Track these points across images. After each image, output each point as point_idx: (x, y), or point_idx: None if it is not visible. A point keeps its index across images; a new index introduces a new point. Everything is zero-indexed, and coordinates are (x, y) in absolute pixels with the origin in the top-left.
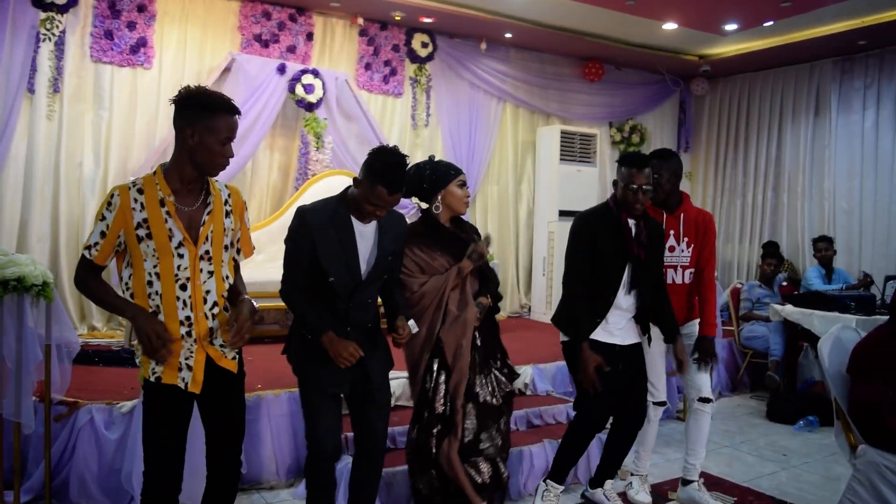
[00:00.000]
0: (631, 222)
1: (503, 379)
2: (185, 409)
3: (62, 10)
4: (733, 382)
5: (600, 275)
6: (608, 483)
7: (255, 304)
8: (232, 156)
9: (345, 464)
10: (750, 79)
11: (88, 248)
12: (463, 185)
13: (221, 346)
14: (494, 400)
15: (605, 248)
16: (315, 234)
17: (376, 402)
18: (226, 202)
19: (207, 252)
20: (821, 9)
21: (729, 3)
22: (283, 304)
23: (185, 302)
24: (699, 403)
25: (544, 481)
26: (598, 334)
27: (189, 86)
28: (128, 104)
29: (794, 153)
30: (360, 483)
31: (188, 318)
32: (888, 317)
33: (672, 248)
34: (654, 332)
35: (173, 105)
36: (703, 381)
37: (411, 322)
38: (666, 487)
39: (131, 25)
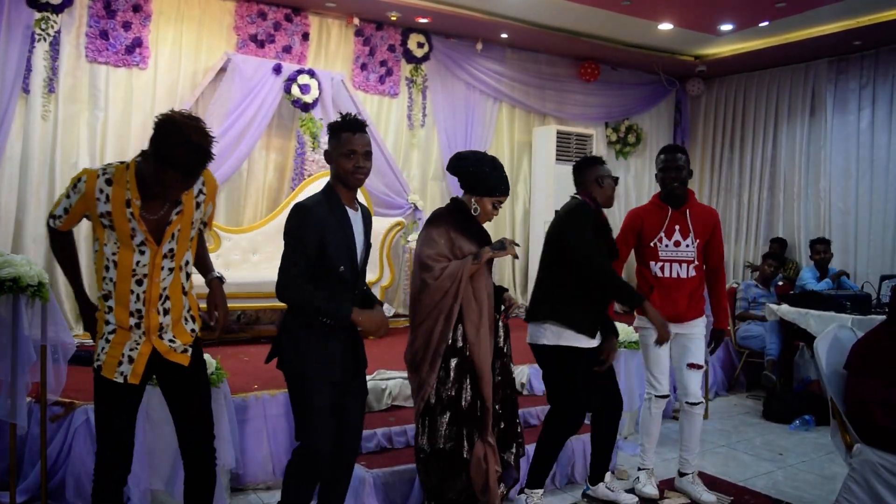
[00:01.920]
0: None
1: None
2: (128, 399)
3: (57, 10)
4: (730, 382)
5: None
6: (608, 476)
7: (223, 277)
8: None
9: None
10: (745, 79)
11: (53, 217)
12: (498, 205)
13: (171, 340)
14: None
15: (604, 243)
16: (322, 225)
17: (358, 397)
18: (199, 192)
19: (171, 250)
20: (816, 9)
21: (724, 4)
22: (279, 304)
23: (138, 296)
24: (688, 406)
25: (521, 493)
26: (583, 341)
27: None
28: (123, 104)
29: (790, 153)
30: (334, 479)
31: (139, 310)
32: (886, 316)
33: (678, 244)
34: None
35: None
36: (692, 385)
37: (386, 305)
38: (661, 486)
39: (126, 25)
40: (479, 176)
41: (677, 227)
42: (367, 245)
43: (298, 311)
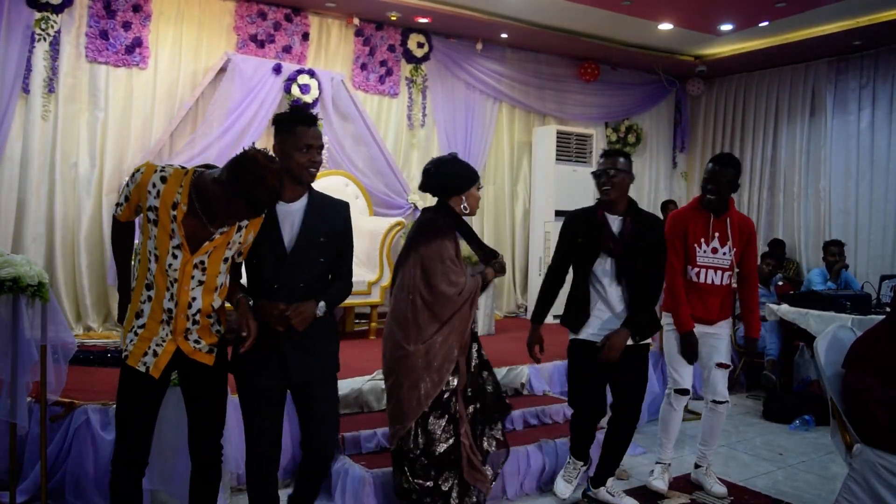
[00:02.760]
0: (614, 218)
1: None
2: (152, 391)
3: (57, 10)
4: (730, 382)
5: (578, 269)
6: (610, 481)
7: (249, 301)
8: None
9: (341, 464)
10: (745, 79)
11: (117, 205)
12: (480, 188)
13: (196, 342)
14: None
15: (583, 243)
16: None
17: (322, 398)
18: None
19: (202, 262)
20: (816, 9)
21: (724, 4)
22: None
23: (172, 295)
24: (713, 404)
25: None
26: (586, 333)
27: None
28: (123, 104)
29: (790, 153)
30: (307, 477)
31: (170, 310)
32: (887, 314)
33: (715, 251)
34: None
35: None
36: (720, 384)
37: (321, 304)
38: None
39: (126, 25)
40: (453, 175)
41: (717, 235)
42: (309, 237)
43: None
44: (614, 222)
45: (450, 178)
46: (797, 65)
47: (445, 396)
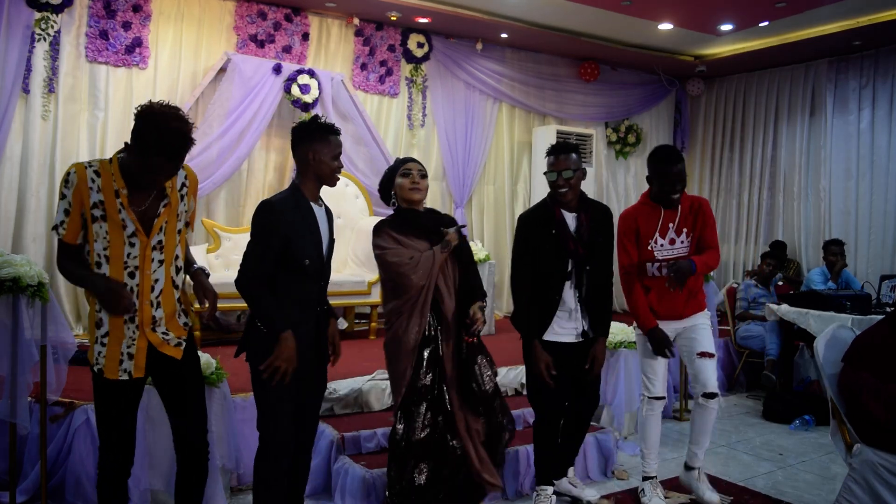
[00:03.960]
0: (570, 216)
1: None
2: (132, 394)
3: (57, 10)
4: (729, 382)
5: (543, 273)
6: (570, 470)
7: (206, 269)
8: (124, 302)
9: (341, 464)
10: (745, 79)
11: (55, 227)
12: (406, 174)
13: (164, 333)
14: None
15: (542, 245)
16: (289, 223)
17: (317, 391)
18: (182, 186)
19: (160, 242)
20: (816, 9)
21: (724, 4)
22: None
23: (132, 289)
24: (703, 399)
25: (533, 490)
26: (548, 334)
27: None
28: (123, 104)
29: (790, 153)
30: (295, 469)
31: (132, 303)
32: (889, 312)
33: (672, 241)
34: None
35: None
36: (705, 374)
37: (340, 320)
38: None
39: (126, 25)
40: (384, 178)
41: (671, 226)
42: (331, 240)
43: None
44: (570, 220)
45: (381, 189)
46: (797, 65)
47: (424, 384)
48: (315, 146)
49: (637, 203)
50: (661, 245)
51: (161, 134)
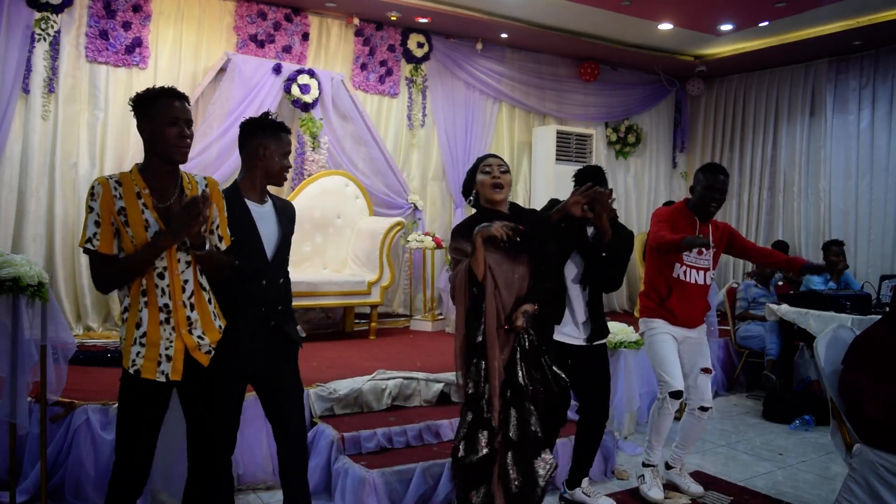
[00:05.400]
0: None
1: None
2: (162, 401)
3: (57, 10)
4: (729, 382)
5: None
6: (585, 481)
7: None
8: (188, 136)
9: (341, 464)
10: (745, 79)
11: (89, 240)
12: (487, 171)
13: (200, 337)
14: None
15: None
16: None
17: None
18: (203, 191)
19: (185, 242)
20: (816, 9)
21: (724, 4)
22: None
23: (163, 290)
24: (699, 411)
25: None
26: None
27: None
28: (123, 104)
29: (790, 153)
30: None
31: (166, 305)
32: (887, 312)
33: (700, 252)
34: (658, 323)
35: (132, 112)
36: (706, 390)
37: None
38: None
39: (126, 25)
40: (467, 176)
41: (701, 237)
42: (282, 238)
43: None
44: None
45: (465, 185)
46: (797, 65)
47: (473, 394)
48: (266, 141)
49: (672, 208)
50: (690, 252)
51: (153, 89)
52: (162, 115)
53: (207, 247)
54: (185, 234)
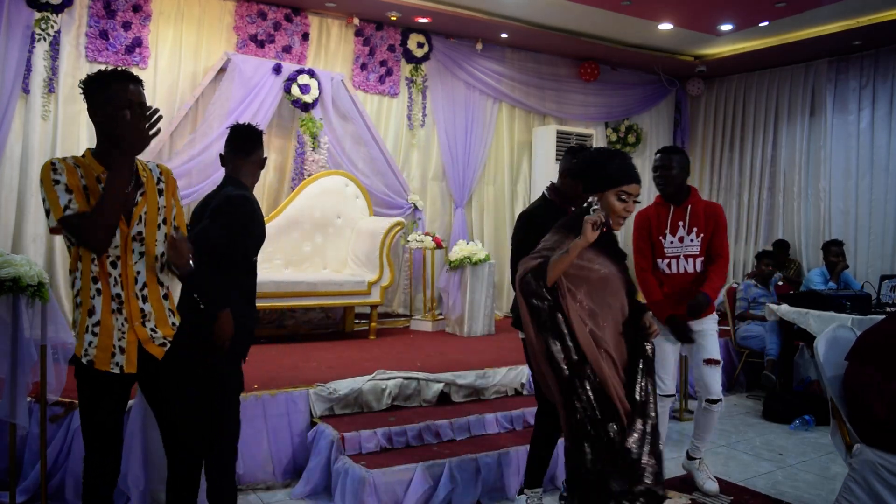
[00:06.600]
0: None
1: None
2: (121, 390)
3: (57, 10)
4: (729, 382)
5: None
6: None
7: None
8: (145, 124)
9: (341, 464)
10: (745, 79)
11: (66, 207)
12: (626, 197)
13: (153, 330)
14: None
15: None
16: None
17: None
18: (158, 181)
19: (140, 233)
20: (816, 9)
21: (724, 4)
22: (278, 304)
23: (115, 279)
24: (707, 403)
25: (521, 493)
26: None
27: (88, 74)
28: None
29: (790, 153)
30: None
31: (118, 295)
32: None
33: (682, 239)
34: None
35: (82, 95)
36: (712, 382)
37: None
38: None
39: (126, 25)
40: (594, 168)
41: (680, 223)
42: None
43: None
44: None
45: (581, 168)
46: (797, 65)
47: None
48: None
49: (652, 202)
50: (671, 242)
51: (104, 71)
52: (113, 98)
53: (166, 242)
54: (139, 148)
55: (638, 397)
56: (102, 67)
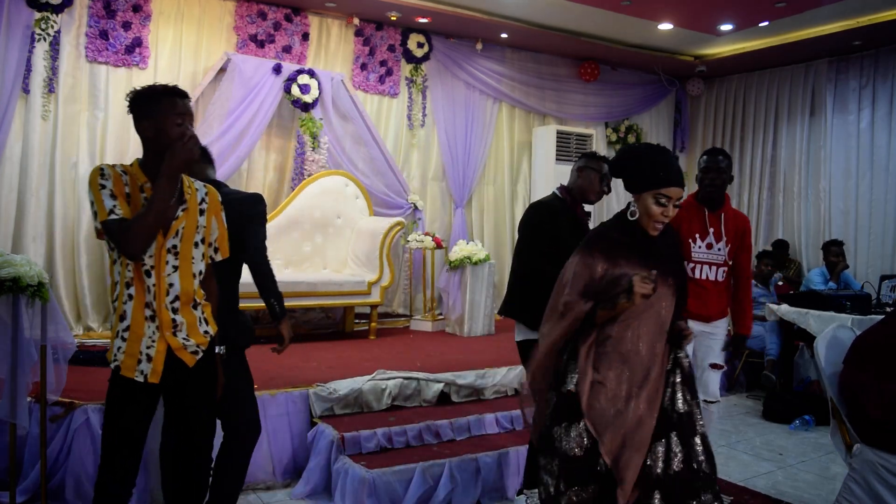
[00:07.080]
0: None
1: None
2: (149, 402)
3: (57, 10)
4: (729, 382)
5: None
6: None
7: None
8: (189, 134)
9: (341, 464)
10: (745, 79)
11: (111, 211)
12: (663, 202)
13: (185, 339)
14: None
15: (567, 237)
16: None
17: None
18: (202, 201)
19: (175, 247)
20: (816, 9)
21: (724, 4)
22: None
23: (148, 288)
24: (705, 403)
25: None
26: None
27: (135, 88)
28: (123, 104)
29: (790, 153)
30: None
31: (150, 303)
32: (889, 312)
33: (710, 246)
34: None
35: (128, 109)
36: (713, 385)
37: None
38: None
39: (126, 25)
40: (633, 166)
41: (711, 231)
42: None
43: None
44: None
45: (619, 166)
46: (797, 65)
47: (581, 456)
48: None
49: (683, 201)
50: (699, 247)
51: (154, 86)
52: (164, 112)
53: (203, 262)
54: (188, 165)
55: (681, 408)
56: (103, 67)
